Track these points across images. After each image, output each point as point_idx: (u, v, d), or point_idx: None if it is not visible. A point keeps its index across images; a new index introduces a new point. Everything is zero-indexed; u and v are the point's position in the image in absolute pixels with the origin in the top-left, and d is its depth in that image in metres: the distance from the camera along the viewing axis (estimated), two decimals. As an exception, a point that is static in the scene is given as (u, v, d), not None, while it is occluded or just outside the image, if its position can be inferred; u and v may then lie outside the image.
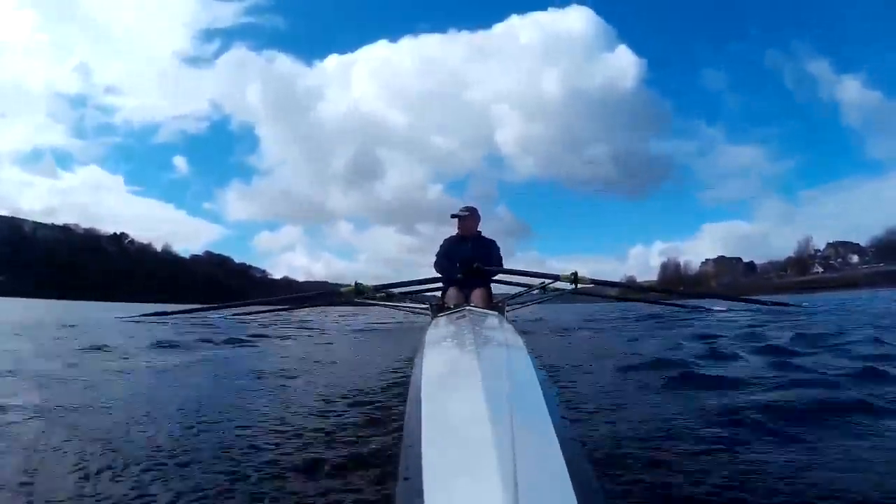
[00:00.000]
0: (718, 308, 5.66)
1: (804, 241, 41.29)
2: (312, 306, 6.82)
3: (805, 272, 39.98)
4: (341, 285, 4.74)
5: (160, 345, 3.39)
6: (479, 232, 3.78)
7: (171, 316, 5.95)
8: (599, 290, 5.31)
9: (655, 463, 1.05)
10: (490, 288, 3.71)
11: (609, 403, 1.59)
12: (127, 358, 2.76)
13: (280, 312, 6.70)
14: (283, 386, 2.01)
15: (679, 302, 6.11)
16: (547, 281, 4.24)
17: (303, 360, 2.91)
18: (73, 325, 5.68)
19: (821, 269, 40.15)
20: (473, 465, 0.61)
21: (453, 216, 3.65)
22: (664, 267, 44.89)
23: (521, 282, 4.69)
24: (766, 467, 1.01)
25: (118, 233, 47.93)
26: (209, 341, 3.74)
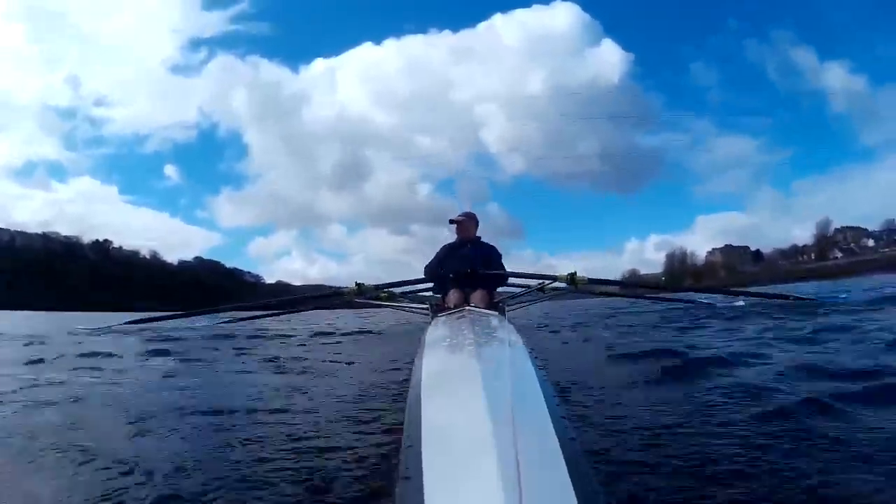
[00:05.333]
0: (739, 302, 5.61)
1: (823, 223, 41.13)
2: (313, 308, 6.86)
3: (824, 257, 39.97)
4: (338, 288, 4.78)
5: (153, 351, 3.44)
6: (479, 237, 3.79)
7: (141, 324, 5.45)
8: (599, 288, 5.35)
9: (655, 463, 1.08)
10: (490, 289, 3.74)
11: (609, 403, 1.63)
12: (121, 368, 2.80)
13: (280, 315, 6.73)
14: (283, 386, 2.06)
15: (685, 297, 6.10)
16: (545, 282, 4.28)
17: (302, 361, 2.96)
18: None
19: (840, 254, 40.11)
20: (474, 465, 0.64)
21: (451, 221, 3.66)
22: (670, 258, 44.91)
23: (520, 283, 4.73)
24: (767, 469, 1.04)
25: (101, 239, 47.93)
26: (206, 346, 3.78)
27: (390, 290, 4.51)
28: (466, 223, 3.69)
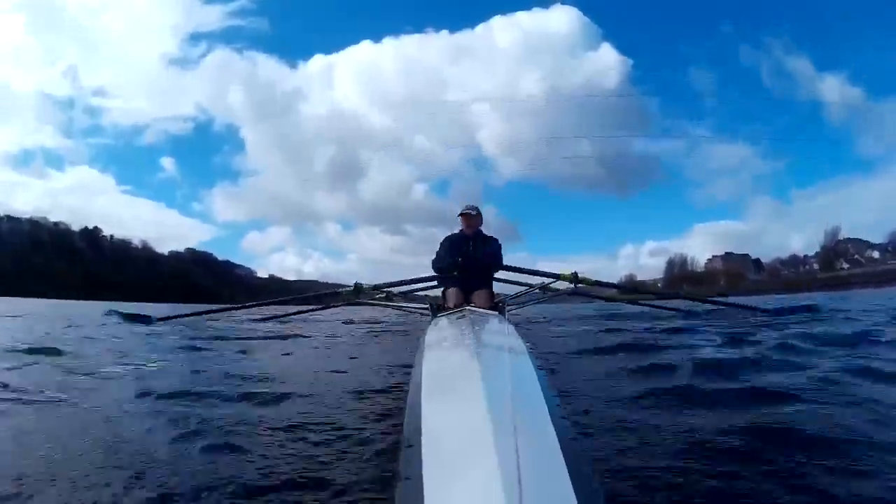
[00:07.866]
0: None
1: (831, 233, 41.15)
2: (311, 309, 6.85)
3: (831, 268, 40.11)
4: (333, 285, 4.82)
5: (142, 349, 3.45)
6: (481, 230, 3.86)
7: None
8: (599, 291, 5.38)
9: (653, 463, 1.10)
10: (491, 288, 3.78)
11: (608, 404, 1.65)
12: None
13: (277, 313, 6.73)
14: (283, 387, 2.07)
15: (681, 305, 6.09)
16: (547, 280, 4.34)
17: (302, 362, 2.97)
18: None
19: (847, 265, 40.27)
20: (474, 465, 0.66)
21: (461, 214, 3.75)
22: (670, 264, 44.97)
23: (522, 281, 4.79)
24: (764, 471, 1.06)
25: (90, 227, 47.64)
26: (206, 345, 3.79)
27: (390, 289, 4.53)
28: (476, 217, 3.78)
